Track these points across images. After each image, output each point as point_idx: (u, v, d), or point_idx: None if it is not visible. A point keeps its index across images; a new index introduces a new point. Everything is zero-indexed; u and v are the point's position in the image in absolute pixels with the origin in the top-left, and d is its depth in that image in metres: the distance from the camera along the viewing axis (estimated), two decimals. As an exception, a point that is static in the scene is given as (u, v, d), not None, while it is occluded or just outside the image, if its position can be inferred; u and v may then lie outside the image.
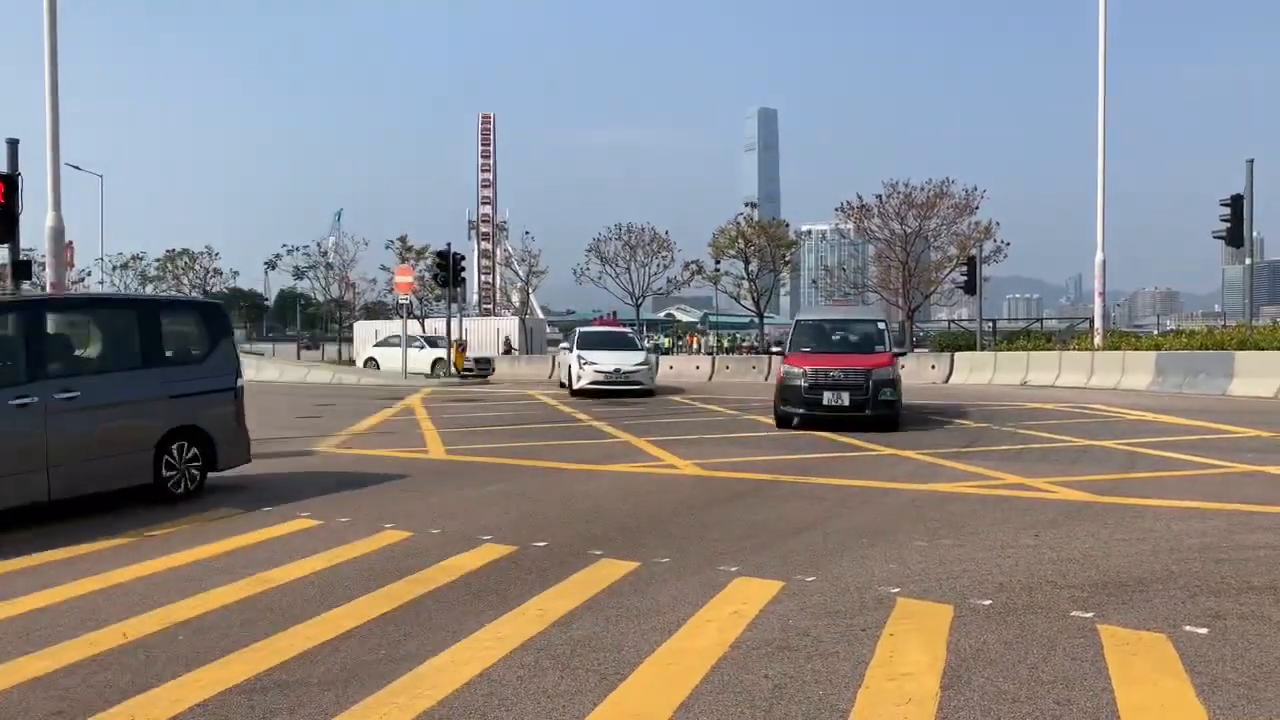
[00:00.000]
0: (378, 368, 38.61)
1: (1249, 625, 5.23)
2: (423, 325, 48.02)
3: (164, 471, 9.25)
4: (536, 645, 5.04)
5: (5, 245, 12.60)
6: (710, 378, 34.41)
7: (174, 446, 9.37)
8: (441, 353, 36.97)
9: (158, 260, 74.09)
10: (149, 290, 75.27)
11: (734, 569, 6.54)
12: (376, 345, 41.99)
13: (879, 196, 48.48)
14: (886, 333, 17.00)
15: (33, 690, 4.49)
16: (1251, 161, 26.45)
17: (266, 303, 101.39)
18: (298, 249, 69.28)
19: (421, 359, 37.20)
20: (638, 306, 65.39)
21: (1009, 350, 32.02)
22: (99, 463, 8.67)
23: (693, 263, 64.39)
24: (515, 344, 51.08)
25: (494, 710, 4.19)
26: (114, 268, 70.93)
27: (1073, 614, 5.46)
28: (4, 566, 6.88)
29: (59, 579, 6.48)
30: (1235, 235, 26.64)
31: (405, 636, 5.22)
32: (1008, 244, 48.50)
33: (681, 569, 6.57)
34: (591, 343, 26.74)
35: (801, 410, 15.51)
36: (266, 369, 35.34)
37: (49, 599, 6.02)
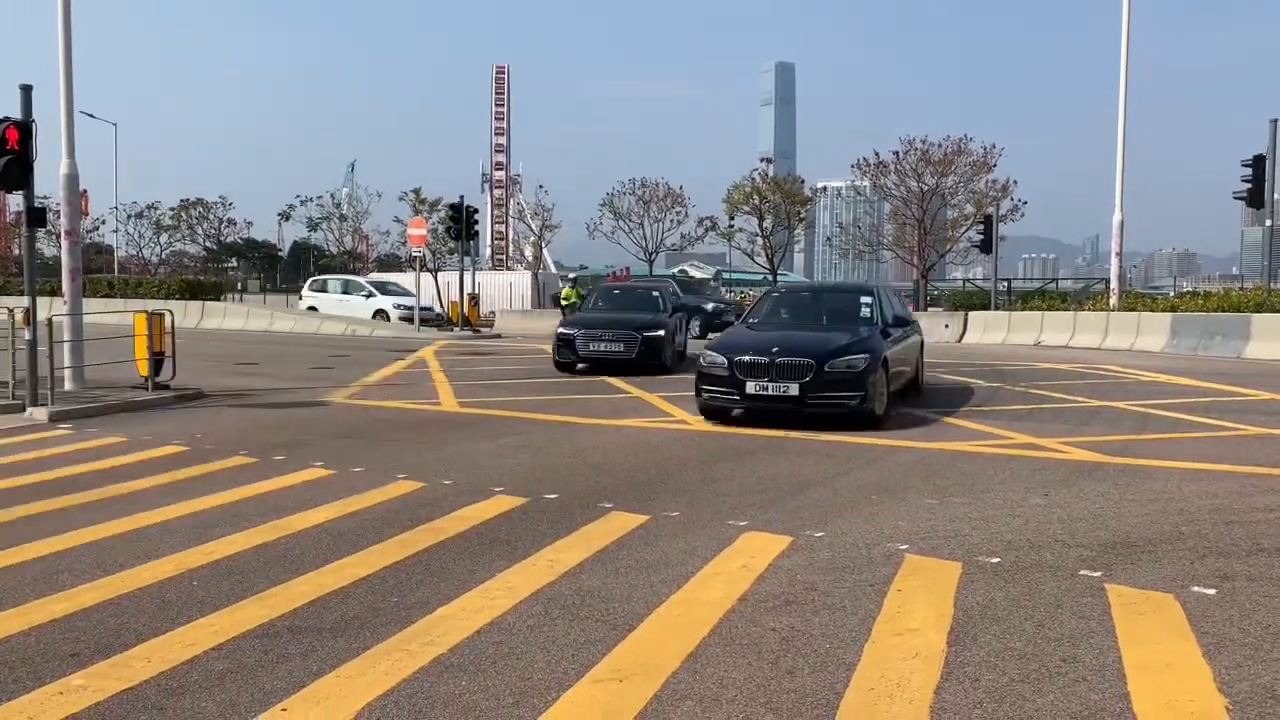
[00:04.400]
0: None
1: (1257, 587, 5.24)
2: (435, 278, 47.90)
3: None
4: (546, 595, 5.09)
5: (20, 192, 12.60)
6: (722, 334, 34.40)
7: None
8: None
9: (172, 210, 74.17)
10: (163, 239, 75.43)
11: (743, 523, 6.58)
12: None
13: (896, 153, 48.07)
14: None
15: (50, 632, 4.57)
16: (1275, 121, 26.05)
17: (280, 254, 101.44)
18: (311, 200, 69.26)
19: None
20: (650, 262, 65.25)
21: (1023, 310, 31.84)
22: None
23: (707, 219, 64.16)
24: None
25: (504, 658, 4.24)
26: (128, 217, 71.02)
27: (1081, 573, 5.47)
28: (24, 510, 6.97)
29: (77, 523, 6.56)
30: (1256, 196, 26.32)
31: (417, 585, 5.27)
32: (1025, 203, 48.14)
33: (691, 523, 6.61)
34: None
35: None
36: (280, 321, 35.42)
37: (67, 543, 6.10)
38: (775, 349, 10.88)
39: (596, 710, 3.75)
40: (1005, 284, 40.23)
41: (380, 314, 35.00)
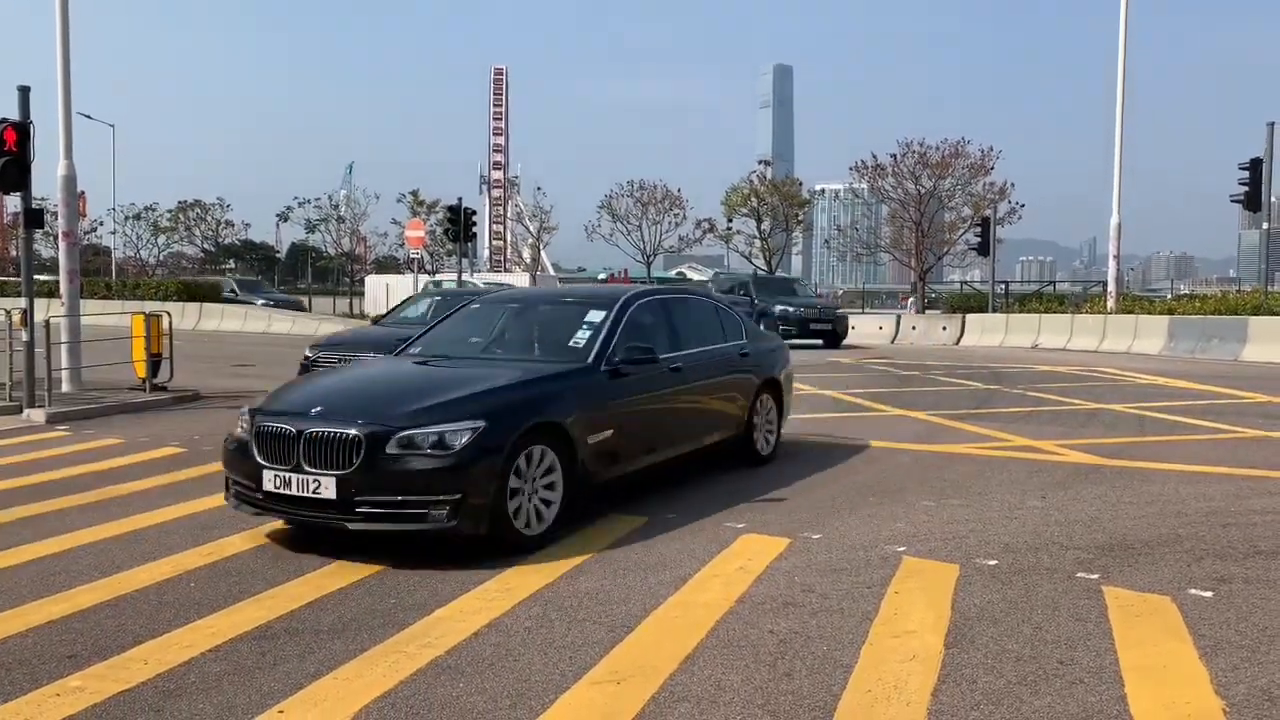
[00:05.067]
0: None
1: (1254, 589, 5.24)
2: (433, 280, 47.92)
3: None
4: (544, 597, 5.09)
5: (18, 193, 12.59)
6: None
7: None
8: None
9: (170, 211, 74.18)
10: (161, 241, 75.44)
11: (741, 525, 6.58)
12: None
13: (893, 156, 48.05)
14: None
15: (47, 633, 4.57)
16: (1272, 124, 26.13)
17: (278, 255, 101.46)
18: (309, 202, 69.21)
19: None
20: (649, 264, 65.26)
21: (1021, 313, 31.88)
22: None
23: (705, 221, 64.16)
24: None
25: (502, 660, 4.24)
26: (126, 218, 71.00)
27: (1078, 575, 5.48)
28: (21, 512, 6.97)
29: (74, 525, 6.56)
30: (1253, 199, 26.40)
31: (414, 586, 5.27)
32: (1022, 205, 48.14)
33: (688, 524, 6.60)
34: None
35: None
36: (278, 322, 35.39)
37: (65, 545, 6.09)
38: (319, 408, 6.10)
39: (594, 712, 3.75)
40: (1003, 286, 40.25)
41: None
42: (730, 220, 60.94)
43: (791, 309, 26.07)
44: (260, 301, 41.43)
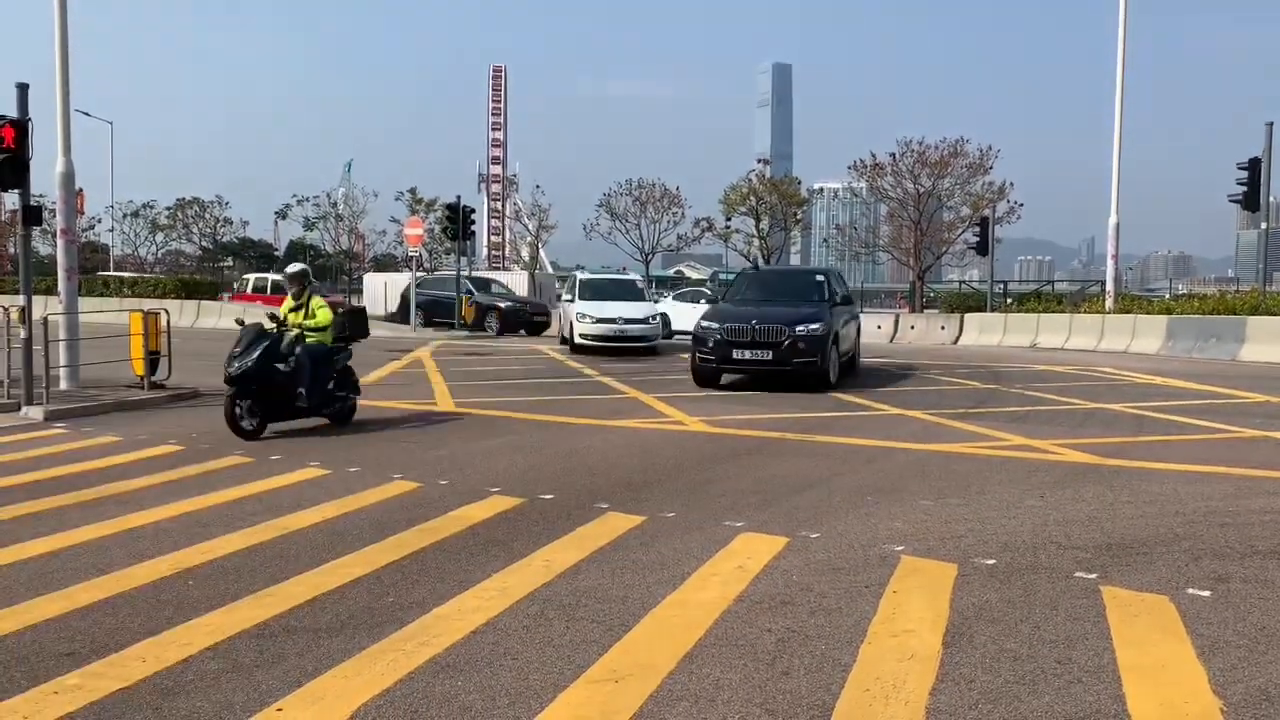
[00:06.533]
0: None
1: (1252, 589, 5.24)
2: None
3: None
4: (542, 596, 5.09)
5: (16, 190, 12.59)
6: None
7: None
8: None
9: (168, 209, 74.16)
10: (159, 238, 75.42)
11: (739, 524, 6.58)
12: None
13: (892, 155, 48.05)
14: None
15: (45, 631, 4.56)
16: (1271, 124, 26.13)
17: (276, 253, 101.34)
18: (308, 199, 69.26)
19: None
20: (647, 263, 65.26)
21: (1019, 312, 31.87)
22: None
23: (703, 219, 64.18)
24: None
25: (500, 658, 4.24)
26: (124, 215, 70.97)
27: (1076, 575, 5.48)
28: (19, 510, 6.96)
29: (72, 523, 6.55)
30: (1252, 199, 26.39)
31: (412, 585, 5.27)
32: (1021, 205, 48.13)
33: (687, 523, 6.61)
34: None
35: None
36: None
37: (63, 543, 6.09)
38: None
39: (592, 711, 3.75)
40: (1001, 286, 40.28)
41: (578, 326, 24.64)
42: (729, 219, 61.00)
43: (714, 324, 15.46)
44: (504, 306, 31.86)
